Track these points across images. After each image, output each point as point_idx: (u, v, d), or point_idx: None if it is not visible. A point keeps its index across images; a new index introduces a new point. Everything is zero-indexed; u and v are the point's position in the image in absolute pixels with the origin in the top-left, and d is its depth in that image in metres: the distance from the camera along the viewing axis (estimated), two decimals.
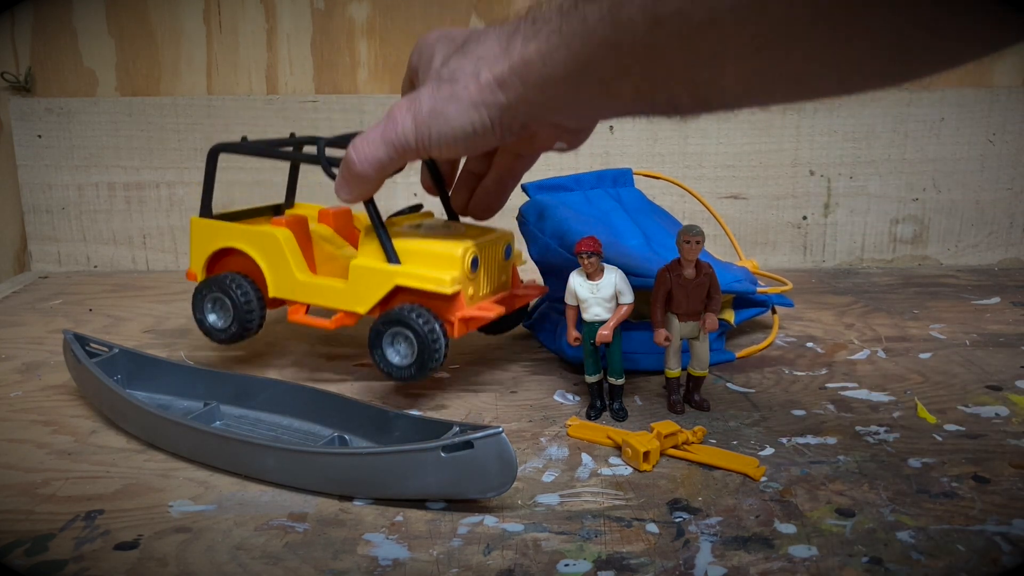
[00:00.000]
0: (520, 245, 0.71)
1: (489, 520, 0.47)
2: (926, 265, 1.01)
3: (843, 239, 1.00)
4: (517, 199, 0.74)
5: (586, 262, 0.57)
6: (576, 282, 0.58)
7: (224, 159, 0.72)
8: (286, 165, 0.77)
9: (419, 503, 0.49)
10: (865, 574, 0.42)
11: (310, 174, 0.74)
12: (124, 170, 1.00)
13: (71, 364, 0.63)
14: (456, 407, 0.62)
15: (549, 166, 0.97)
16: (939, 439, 0.56)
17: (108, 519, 0.48)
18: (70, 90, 1.01)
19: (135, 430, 0.57)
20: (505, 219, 0.99)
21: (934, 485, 0.50)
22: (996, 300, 0.87)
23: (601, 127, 0.97)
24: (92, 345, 0.63)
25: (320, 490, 0.50)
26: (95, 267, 1.03)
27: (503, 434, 0.46)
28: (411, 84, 0.60)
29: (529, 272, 0.76)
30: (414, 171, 0.98)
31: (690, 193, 0.85)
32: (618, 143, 0.97)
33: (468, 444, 0.46)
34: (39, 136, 1.00)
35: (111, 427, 0.59)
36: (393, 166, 0.56)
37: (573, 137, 0.59)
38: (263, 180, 0.98)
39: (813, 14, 0.37)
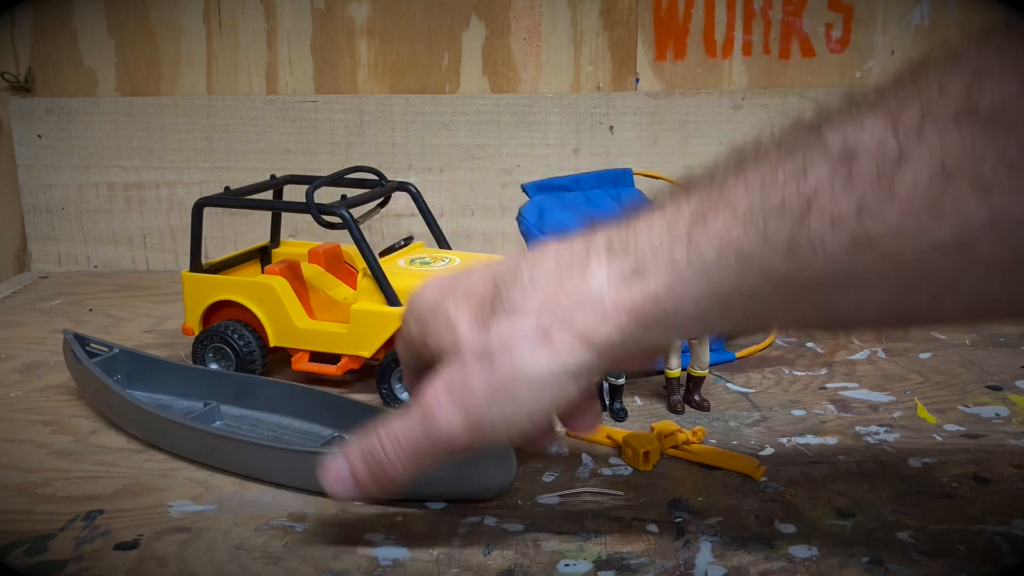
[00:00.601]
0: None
1: (489, 520, 0.47)
2: None
3: None
4: (518, 198, 0.74)
5: None
6: None
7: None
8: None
9: (419, 503, 0.49)
10: (865, 574, 0.42)
11: (295, 192, 0.74)
12: (124, 170, 1.00)
13: (71, 364, 0.63)
14: None
15: (549, 166, 0.97)
16: (939, 439, 0.56)
17: (108, 519, 0.48)
18: (70, 90, 1.01)
19: (135, 430, 0.57)
20: (506, 219, 0.99)
21: (934, 485, 0.50)
22: None
23: (601, 127, 0.97)
24: (92, 345, 0.63)
25: (320, 490, 0.50)
26: (95, 267, 1.03)
27: None
28: (417, 362, 0.45)
29: None
30: (397, 209, 0.98)
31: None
32: (618, 143, 0.97)
33: None
34: (39, 136, 1.00)
35: (111, 427, 0.59)
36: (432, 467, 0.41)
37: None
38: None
39: None
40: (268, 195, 0.72)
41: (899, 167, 0.29)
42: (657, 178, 0.85)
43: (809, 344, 0.75)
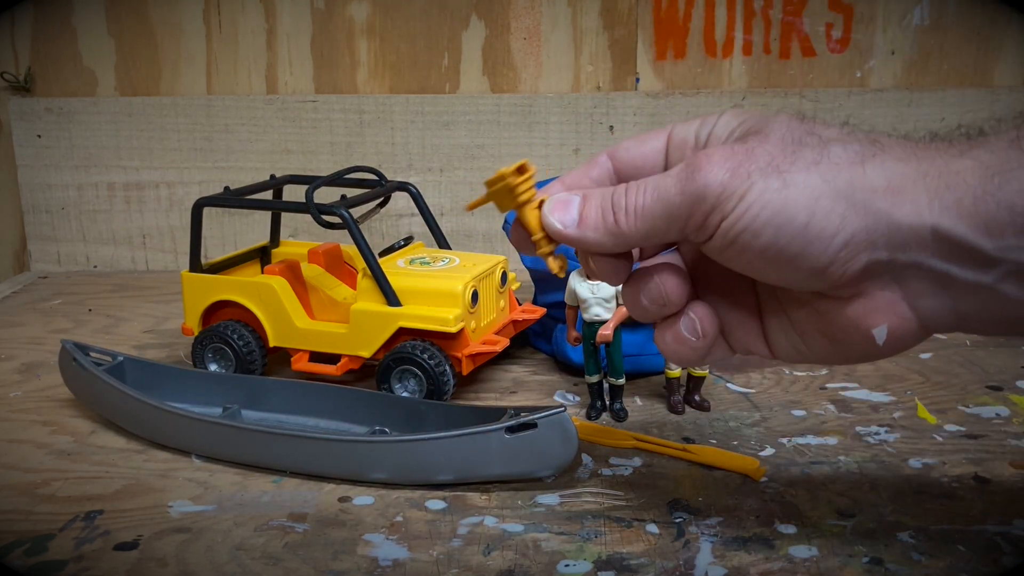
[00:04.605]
0: (513, 265, 0.70)
1: (489, 520, 0.47)
2: None
3: None
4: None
5: None
6: (576, 282, 0.58)
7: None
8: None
9: (419, 503, 0.49)
10: (865, 574, 0.42)
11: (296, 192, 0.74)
12: (124, 170, 1.00)
13: (71, 373, 0.61)
14: None
15: (549, 166, 0.97)
16: (939, 439, 0.56)
17: (108, 519, 0.48)
18: (70, 90, 1.01)
19: (168, 440, 0.56)
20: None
21: (934, 485, 0.50)
22: None
23: (601, 127, 0.97)
24: (93, 354, 0.62)
25: (391, 481, 0.51)
26: (95, 267, 1.03)
27: (565, 412, 0.48)
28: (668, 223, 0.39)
29: (522, 275, 0.76)
30: (397, 209, 0.98)
31: None
32: (618, 143, 0.97)
33: (532, 424, 0.48)
34: (39, 136, 1.00)
35: (111, 427, 0.59)
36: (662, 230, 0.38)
37: None
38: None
39: None
40: (268, 195, 0.72)
41: None
42: None
43: None
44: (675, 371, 0.61)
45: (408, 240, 0.72)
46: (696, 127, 0.40)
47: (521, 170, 0.40)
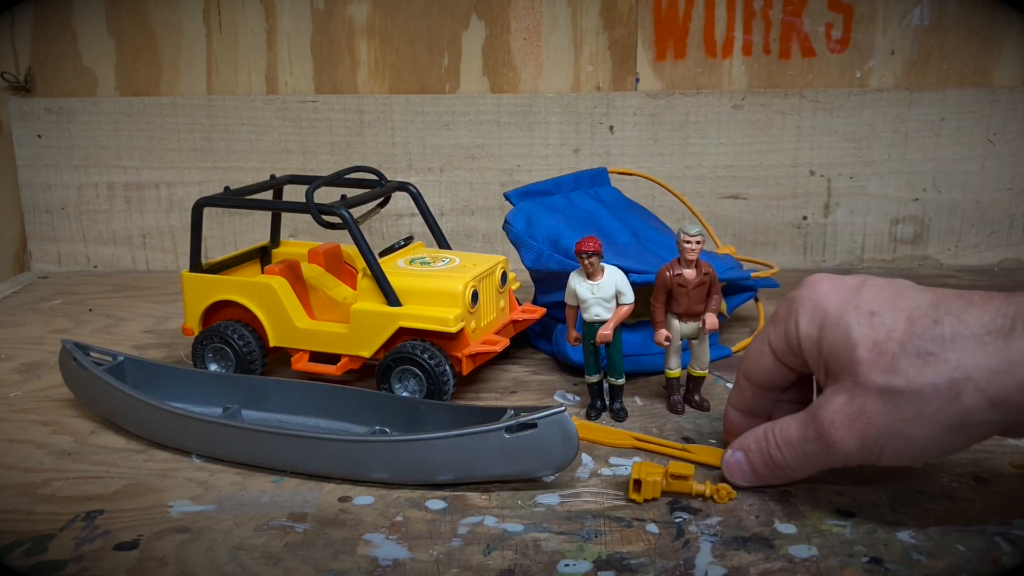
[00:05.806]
0: (513, 266, 0.70)
1: (489, 520, 0.47)
2: (926, 265, 1.01)
3: (843, 239, 1.00)
4: (502, 207, 0.74)
5: (586, 262, 0.57)
6: (576, 282, 0.58)
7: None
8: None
9: (419, 503, 0.49)
10: (865, 574, 0.42)
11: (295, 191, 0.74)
12: (124, 170, 1.00)
13: (71, 373, 0.61)
14: None
15: (549, 166, 0.97)
16: None
17: (108, 519, 0.48)
18: (70, 90, 1.01)
19: (168, 440, 0.56)
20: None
21: (934, 485, 0.50)
22: None
23: (601, 127, 0.97)
24: (94, 354, 0.62)
25: (391, 481, 0.51)
26: (95, 267, 1.03)
27: (565, 412, 0.48)
28: (786, 346, 0.48)
29: (522, 275, 0.76)
30: (397, 209, 0.98)
31: (661, 186, 0.84)
32: (618, 143, 0.97)
33: (532, 424, 0.48)
34: (39, 136, 1.00)
35: (111, 427, 0.59)
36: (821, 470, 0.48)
37: None
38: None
39: None
40: (268, 195, 0.72)
41: None
42: (632, 175, 0.84)
43: None
44: (675, 371, 0.61)
45: (408, 240, 0.72)
46: (783, 336, 0.48)
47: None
